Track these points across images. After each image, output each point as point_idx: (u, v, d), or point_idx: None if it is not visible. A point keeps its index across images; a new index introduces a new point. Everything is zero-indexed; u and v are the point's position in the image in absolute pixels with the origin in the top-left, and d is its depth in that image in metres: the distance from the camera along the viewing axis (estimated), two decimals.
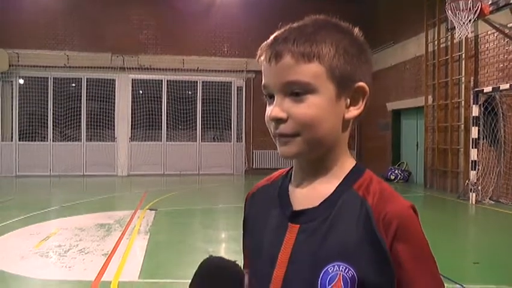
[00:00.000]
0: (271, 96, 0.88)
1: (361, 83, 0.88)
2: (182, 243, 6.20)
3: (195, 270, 0.85)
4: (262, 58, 0.90)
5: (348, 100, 0.87)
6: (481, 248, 6.38)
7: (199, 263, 0.84)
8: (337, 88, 0.85)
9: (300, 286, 0.85)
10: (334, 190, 0.88)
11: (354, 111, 0.88)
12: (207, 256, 0.88)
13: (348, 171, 0.90)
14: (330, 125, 0.86)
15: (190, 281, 4.28)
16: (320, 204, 0.88)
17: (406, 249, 0.82)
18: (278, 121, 0.86)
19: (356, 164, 0.91)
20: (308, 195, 0.90)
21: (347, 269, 0.82)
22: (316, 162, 0.90)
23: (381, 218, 0.83)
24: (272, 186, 0.98)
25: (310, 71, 0.84)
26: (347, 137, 0.91)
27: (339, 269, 0.82)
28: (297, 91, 0.84)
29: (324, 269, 0.83)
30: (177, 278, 4.70)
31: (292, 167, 0.97)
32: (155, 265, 5.12)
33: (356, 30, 0.90)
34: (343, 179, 0.89)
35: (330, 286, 0.82)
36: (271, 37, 0.90)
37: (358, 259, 0.82)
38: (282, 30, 0.90)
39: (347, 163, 0.91)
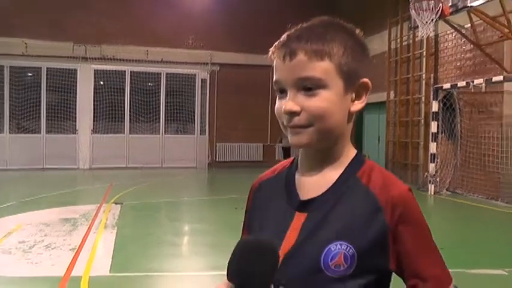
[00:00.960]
0: (283, 91, 0.95)
1: (365, 79, 0.97)
2: (150, 236, 6.19)
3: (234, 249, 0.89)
4: (275, 55, 0.95)
5: (353, 94, 0.97)
6: (443, 235, 6.65)
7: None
8: (345, 83, 0.94)
9: (304, 263, 0.92)
10: (339, 177, 0.96)
11: (358, 105, 0.97)
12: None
13: (351, 159, 0.98)
14: (338, 117, 0.94)
15: (160, 273, 4.24)
16: (325, 192, 0.95)
17: (411, 229, 0.92)
18: (292, 114, 0.93)
19: (357, 153, 1.00)
20: (315, 183, 0.97)
21: (348, 248, 0.90)
22: (323, 152, 0.98)
23: (386, 203, 0.91)
24: (278, 177, 1.05)
25: (322, 68, 0.91)
26: (350, 129, 0.99)
27: (341, 247, 0.90)
28: (309, 86, 0.92)
29: (327, 247, 0.90)
30: (148, 271, 4.70)
31: (294, 158, 1.05)
32: (125, 259, 5.08)
33: (358, 30, 0.99)
34: (347, 167, 0.97)
35: (332, 262, 0.90)
36: (285, 36, 0.96)
37: (359, 239, 0.90)
38: (294, 29, 0.96)
39: (350, 153, 0.99)
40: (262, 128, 16.12)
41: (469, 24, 8.78)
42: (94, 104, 14.89)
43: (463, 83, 9.21)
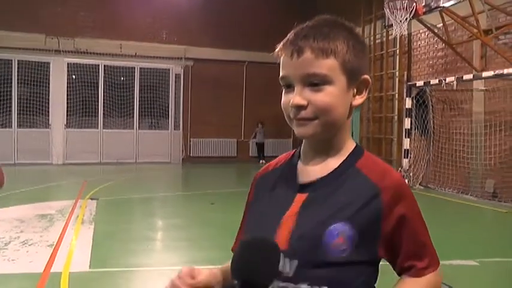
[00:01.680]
0: (289, 87, 1.02)
1: (365, 76, 1.04)
2: (128, 232, 6.17)
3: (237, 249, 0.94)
4: (283, 53, 1.02)
5: (355, 90, 1.03)
6: None
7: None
8: (348, 79, 1.01)
9: (305, 242, 0.98)
10: (339, 165, 1.04)
11: (359, 100, 1.05)
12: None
13: (350, 150, 1.06)
14: (341, 110, 1.01)
15: (140, 268, 4.24)
16: (326, 176, 1.03)
17: (407, 209, 1.01)
18: (299, 107, 0.99)
19: (357, 145, 1.08)
20: (316, 170, 1.04)
21: (348, 228, 0.97)
22: (325, 142, 1.05)
23: (383, 188, 0.99)
24: (280, 169, 1.13)
25: (328, 65, 0.98)
26: (350, 122, 1.08)
27: (342, 228, 0.97)
28: (315, 82, 0.98)
29: (329, 227, 0.97)
30: (128, 266, 4.70)
31: (295, 150, 1.13)
32: (104, 254, 5.06)
33: (357, 28, 1.06)
34: (347, 156, 1.05)
35: (333, 241, 0.96)
36: (292, 34, 1.03)
37: (358, 221, 0.97)
38: (300, 28, 1.03)
39: (350, 144, 1.07)
40: (236, 123, 16.15)
41: (441, 24, 9.02)
42: (67, 98, 14.60)
43: (436, 81, 9.46)
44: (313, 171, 1.04)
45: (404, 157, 10.17)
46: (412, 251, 1.01)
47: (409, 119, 10.11)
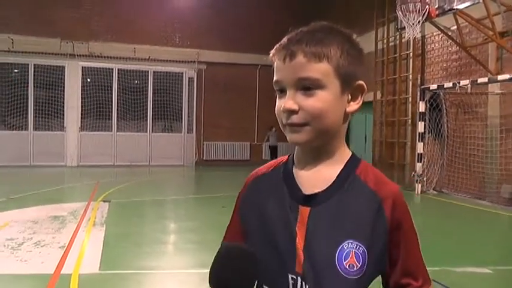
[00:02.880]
0: (282, 91, 1.00)
1: (360, 82, 1.01)
2: (139, 234, 6.18)
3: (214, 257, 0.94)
4: (276, 57, 1.01)
5: (349, 96, 1.00)
6: (425, 234, 6.73)
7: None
8: (342, 85, 0.98)
9: (321, 262, 0.95)
10: (339, 174, 1.01)
11: (353, 106, 1.01)
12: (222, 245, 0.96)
13: (347, 158, 1.03)
14: (334, 116, 0.98)
15: (150, 271, 4.26)
16: (328, 187, 1.00)
17: (406, 228, 1.00)
18: (290, 112, 0.97)
19: (353, 153, 1.06)
20: (314, 178, 1.01)
21: (358, 246, 0.95)
22: (319, 149, 1.02)
23: (385, 201, 0.98)
24: (274, 172, 1.09)
25: (320, 69, 0.96)
26: (345, 129, 1.05)
27: (352, 246, 0.95)
28: (308, 86, 0.96)
29: (340, 247, 0.95)
30: (138, 269, 4.71)
31: (289, 155, 1.09)
32: (114, 256, 5.07)
33: (354, 35, 1.04)
34: (345, 164, 1.02)
35: (346, 261, 0.94)
36: (285, 39, 1.01)
37: (367, 236, 0.95)
38: (294, 33, 1.01)
39: (345, 151, 1.04)
40: (249, 127, 16.16)
41: (455, 26, 8.92)
42: (82, 102, 14.82)
43: (449, 84, 9.35)
44: (311, 179, 1.01)
45: (418, 161, 10.06)
46: (408, 268, 1.00)
47: (423, 123, 10.00)
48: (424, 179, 10.10)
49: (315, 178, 1.01)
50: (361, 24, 13.13)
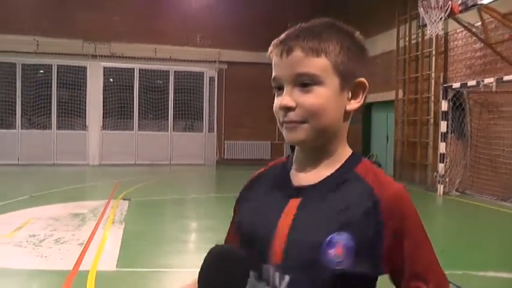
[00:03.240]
0: (280, 88, 0.96)
1: (361, 79, 0.97)
2: (157, 233, 6.23)
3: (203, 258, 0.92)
4: (273, 53, 0.97)
5: (350, 93, 0.96)
6: (448, 236, 6.64)
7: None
8: (341, 81, 0.94)
9: (303, 253, 0.91)
10: (336, 170, 0.97)
11: (354, 104, 0.97)
12: (213, 245, 0.94)
13: (347, 157, 0.99)
14: (333, 114, 0.95)
15: (167, 269, 4.27)
16: (321, 181, 0.96)
17: (409, 228, 0.93)
18: (287, 109, 0.93)
19: (354, 152, 1.02)
20: (311, 177, 0.98)
21: (348, 238, 0.90)
22: (318, 149, 0.98)
23: (383, 199, 0.92)
24: (272, 172, 1.06)
25: (318, 65, 0.92)
26: (347, 128, 1.00)
27: (341, 237, 0.90)
28: (305, 82, 0.92)
29: (328, 237, 0.90)
30: (155, 267, 4.74)
31: (289, 155, 1.06)
32: (132, 254, 5.12)
33: (357, 32, 1.00)
34: (344, 162, 0.98)
35: (331, 251, 0.89)
36: (283, 34, 0.97)
37: (358, 230, 0.90)
38: (293, 29, 0.97)
39: (346, 151, 1.01)
40: (270, 125, 16.08)
41: (480, 22, 8.70)
42: (103, 101, 15.04)
43: (473, 82, 9.13)
44: (306, 176, 0.98)
45: (440, 162, 9.86)
46: (417, 271, 0.93)
47: (445, 122, 9.79)
48: (447, 179, 9.90)
49: (312, 176, 0.97)
50: (383, 21, 12.98)
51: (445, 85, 10.04)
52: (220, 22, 15.48)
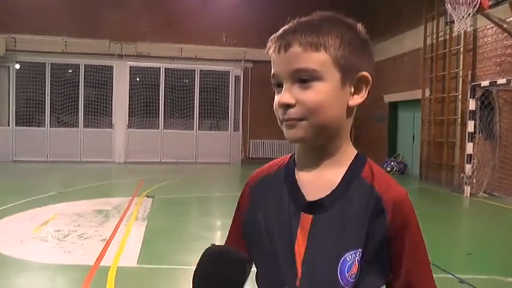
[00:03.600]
0: (280, 85, 0.93)
1: (364, 73, 0.93)
2: (179, 230, 6.27)
3: (198, 259, 0.91)
4: (271, 49, 0.94)
5: (352, 88, 0.93)
6: (474, 239, 6.48)
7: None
8: (342, 76, 0.91)
9: (321, 275, 0.90)
10: (343, 177, 0.93)
11: (357, 99, 0.94)
12: (210, 245, 0.93)
13: (352, 159, 0.95)
14: (334, 111, 0.91)
15: (187, 267, 4.26)
16: (331, 193, 0.93)
17: (411, 229, 0.92)
18: (286, 107, 0.91)
19: (358, 152, 0.97)
20: (316, 182, 0.94)
21: (360, 254, 0.89)
22: (320, 148, 0.95)
23: (388, 205, 0.90)
24: (276, 175, 1.01)
25: (317, 59, 0.89)
26: (350, 125, 0.96)
27: (357, 255, 0.89)
28: (304, 78, 0.89)
29: (343, 258, 0.88)
30: (175, 264, 4.77)
31: (292, 154, 1.02)
32: (153, 251, 5.17)
33: (359, 25, 0.96)
34: (350, 166, 0.94)
35: (349, 273, 0.88)
36: (281, 30, 0.95)
37: (368, 244, 0.89)
38: (291, 23, 0.95)
39: (350, 151, 0.97)
40: None
41: (511, 18, 8.45)
42: (129, 100, 15.29)
43: (503, 81, 8.87)
44: (313, 183, 0.94)
45: (467, 162, 9.61)
46: (410, 281, 0.92)
47: (473, 122, 9.54)
48: (474, 181, 9.65)
49: (318, 182, 0.94)
50: (410, 19, 12.76)
51: (473, 83, 9.78)
52: (245, 21, 15.50)
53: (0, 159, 14.22)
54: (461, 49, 10.80)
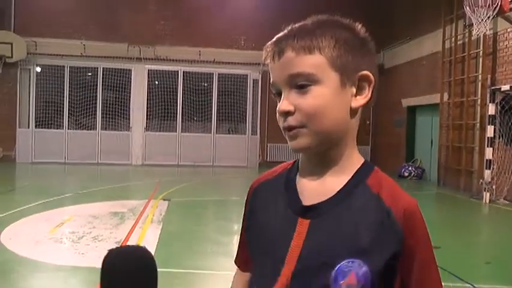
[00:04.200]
0: (280, 94, 0.91)
1: (365, 72, 0.89)
2: (195, 234, 6.25)
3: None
4: (267, 57, 0.93)
5: (354, 89, 0.89)
6: (493, 248, 6.34)
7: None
8: (341, 77, 0.87)
9: (314, 281, 0.86)
10: (345, 184, 0.89)
11: (360, 100, 0.89)
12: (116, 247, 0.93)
13: (358, 166, 0.91)
14: (336, 114, 0.88)
15: (202, 271, 4.23)
16: (331, 198, 0.89)
17: (423, 243, 0.87)
18: (286, 114, 0.88)
19: (365, 160, 0.93)
20: (318, 189, 0.91)
21: (360, 265, 0.83)
22: (324, 154, 0.91)
23: (398, 216, 0.85)
24: (277, 180, 0.99)
25: (312, 62, 0.86)
26: (355, 129, 0.92)
27: (353, 265, 0.84)
28: (301, 83, 0.86)
29: (338, 265, 0.84)
30: (189, 268, 4.75)
31: (297, 160, 0.99)
32: (167, 255, 5.15)
33: (358, 25, 0.93)
34: (355, 173, 0.90)
35: (342, 281, 0.83)
36: (275, 37, 0.93)
37: (373, 255, 0.84)
38: (285, 30, 0.93)
39: (355, 157, 0.92)
40: None
41: None
42: (147, 103, 15.40)
43: None
44: (313, 189, 0.91)
45: (486, 168, 9.42)
46: None
47: (493, 127, 9.35)
48: (493, 187, 9.46)
49: (319, 188, 0.90)
50: (428, 22, 12.60)
51: (492, 87, 9.61)
52: (264, 24, 15.47)
53: (20, 160, 14.49)
54: (481, 52, 10.62)
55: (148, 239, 5.75)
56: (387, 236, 0.85)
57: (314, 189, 0.91)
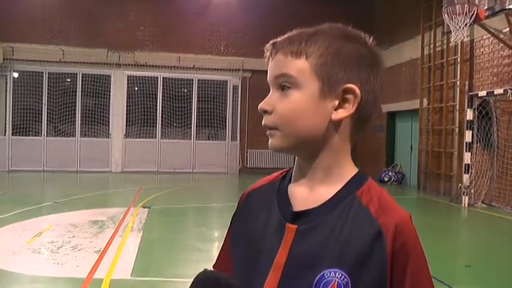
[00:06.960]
0: None
1: (349, 85, 0.86)
2: (175, 241, 6.21)
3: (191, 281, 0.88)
4: (266, 57, 0.94)
5: (336, 101, 0.87)
6: (473, 251, 6.42)
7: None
8: (322, 86, 0.86)
9: (297, 287, 0.85)
10: (335, 194, 0.88)
11: (341, 113, 0.86)
12: (203, 269, 0.90)
13: (349, 177, 0.89)
14: (308, 122, 0.86)
15: (182, 279, 4.21)
16: (320, 206, 0.87)
17: (414, 258, 0.84)
18: (264, 113, 0.89)
19: (358, 172, 0.91)
20: (308, 197, 0.89)
21: (343, 277, 0.82)
22: (312, 163, 0.90)
23: (387, 229, 0.83)
24: (270, 187, 0.98)
25: (296, 66, 0.87)
26: (344, 141, 0.89)
27: (335, 275, 0.82)
28: (284, 84, 0.87)
29: (320, 273, 0.82)
30: (169, 277, 4.71)
31: (291, 168, 0.98)
32: (147, 263, 5.11)
33: (366, 38, 0.90)
34: (345, 184, 0.89)
35: None
36: (275, 39, 0.94)
37: (356, 269, 0.82)
38: (290, 32, 0.93)
39: (348, 168, 0.90)
40: None
41: (508, 28, 8.48)
42: (127, 109, 15.25)
43: (500, 91, 8.86)
44: (303, 198, 0.90)
45: (465, 172, 9.58)
46: None
47: (471, 132, 9.53)
48: (472, 191, 9.61)
49: (309, 196, 0.89)
50: (408, 29, 12.80)
51: (470, 93, 9.79)
52: (243, 31, 15.54)
53: None
54: (459, 59, 10.83)
55: (128, 247, 5.69)
56: (373, 251, 0.82)
57: (304, 197, 0.90)
